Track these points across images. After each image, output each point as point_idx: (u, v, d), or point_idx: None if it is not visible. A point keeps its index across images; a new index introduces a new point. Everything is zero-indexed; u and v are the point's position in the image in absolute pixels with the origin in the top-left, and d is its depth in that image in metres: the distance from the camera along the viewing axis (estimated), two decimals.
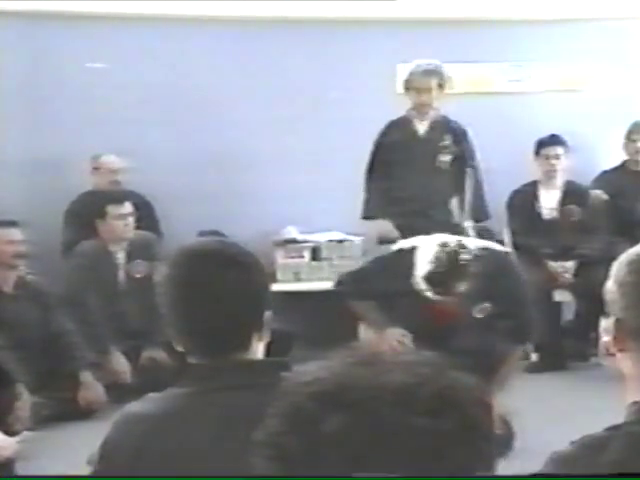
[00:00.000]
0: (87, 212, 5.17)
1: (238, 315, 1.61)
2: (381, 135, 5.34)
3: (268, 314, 1.66)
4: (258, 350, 1.65)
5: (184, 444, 1.51)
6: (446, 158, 5.29)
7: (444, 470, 0.80)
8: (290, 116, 5.84)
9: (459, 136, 5.32)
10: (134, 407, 1.61)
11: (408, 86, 5.27)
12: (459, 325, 3.95)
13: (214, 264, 1.63)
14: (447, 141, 5.29)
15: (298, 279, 5.73)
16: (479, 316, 3.96)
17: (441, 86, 5.21)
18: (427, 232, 4.11)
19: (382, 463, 0.80)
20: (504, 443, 3.81)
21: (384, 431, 0.81)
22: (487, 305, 3.94)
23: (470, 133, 5.34)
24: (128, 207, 5.07)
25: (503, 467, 0.95)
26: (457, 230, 4.67)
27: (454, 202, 5.31)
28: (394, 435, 0.81)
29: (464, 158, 5.32)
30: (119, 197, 5.16)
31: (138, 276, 4.99)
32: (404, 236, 4.33)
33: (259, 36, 5.84)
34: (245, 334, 1.62)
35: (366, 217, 5.37)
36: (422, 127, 5.34)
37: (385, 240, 5.17)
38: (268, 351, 1.74)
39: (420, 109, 5.28)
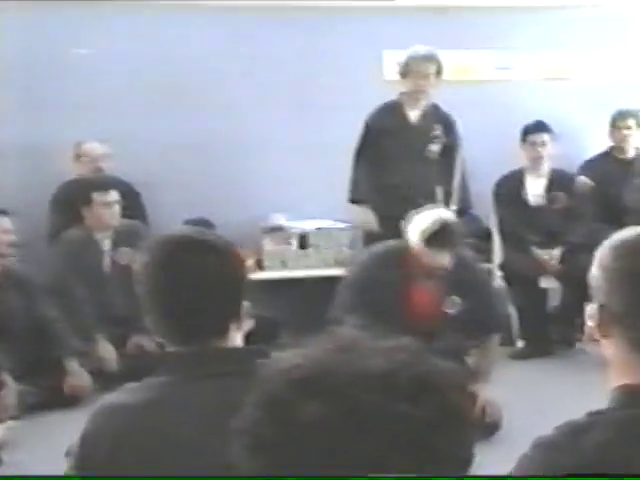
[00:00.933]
0: (73, 200, 5.14)
1: (214, 302, 1.62)
2: (372, 118, 5.26)
3: (246, 304, 1.66)
4: (236, 339, 1.65)
5: (162, 434, 1.51)
6: (436, 148, 5.26)
7: (424, 456, 0.80)
8: (278, 102, 5.82)
9: (449, 126, 5.29)
10: (111, 398, 1.62)
11: (406, 71, 5.18)
12: (434, 326, 3.98)
13: (190, 251, 1.63)
14: (437, 130, 5.26)
15: (285, 266, 5.72)
16: (450, 311, 3.99)
17: (439, 73, 5.18)
18: None
19: (361, 450, 0.80)
20: (490, 428, 3.84)
21: (363, 417, 0.80)
22: (457, 299, 3.99)
23: (459, 124, 5.32)
24: (114, 195, 5.05)
25: (488, 453, 0.96)
26: None
27: (439, 192, 5.28)
28: (373, 421, 0.80)
29: (452, 148, 5.31)
30: (105, 184, 5.13)
31: (124, 264, 4.97)
32: (387, 224, 4.32)
33: (245, 23, 5.81)
34: (222, 322, 1.63)
35: (353, 200, 5.34)
36: (414, 114, 5.29)
37: (369, 233, 5.19)
38: (254, 338, 1.74)
39: (415, 95, 5.23)
